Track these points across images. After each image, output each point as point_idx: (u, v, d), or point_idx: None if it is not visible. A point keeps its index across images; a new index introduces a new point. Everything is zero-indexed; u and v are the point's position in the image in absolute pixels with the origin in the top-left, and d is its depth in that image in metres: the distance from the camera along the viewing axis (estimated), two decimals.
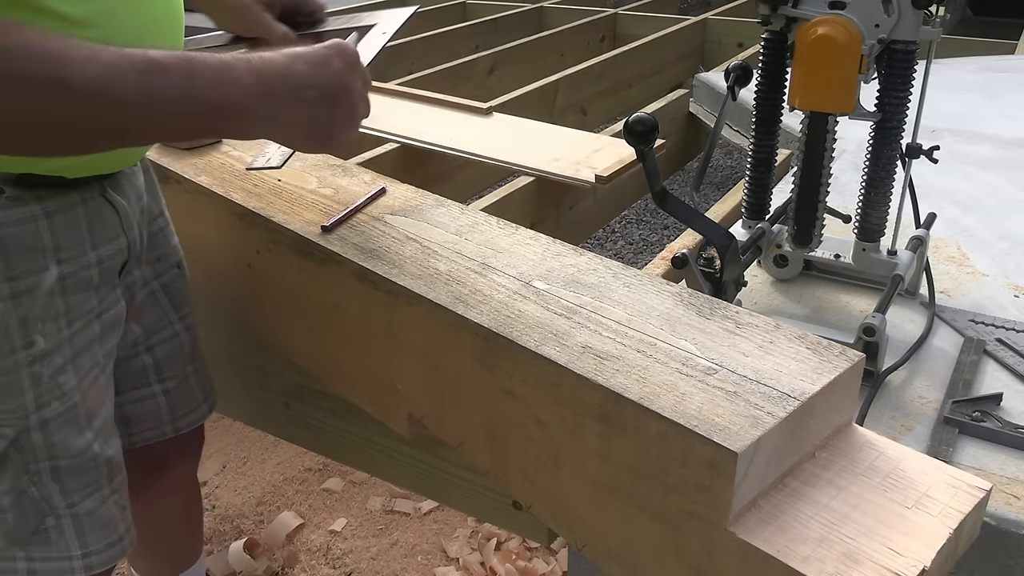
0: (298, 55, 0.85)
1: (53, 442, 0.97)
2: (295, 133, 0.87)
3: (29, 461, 0.96)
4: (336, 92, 0.86)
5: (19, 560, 1.00)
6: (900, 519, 0.71)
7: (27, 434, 0.95)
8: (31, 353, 0.93)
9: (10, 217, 0.89)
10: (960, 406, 1.05)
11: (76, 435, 0.99)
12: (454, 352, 0.93)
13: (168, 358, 1.21)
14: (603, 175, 1.79)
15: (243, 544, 1.82)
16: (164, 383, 1.21)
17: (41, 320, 0.93)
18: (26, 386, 0.93)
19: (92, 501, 1.02)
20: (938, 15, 1.12)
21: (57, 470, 0.98)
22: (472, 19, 4.08)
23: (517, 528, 1.26)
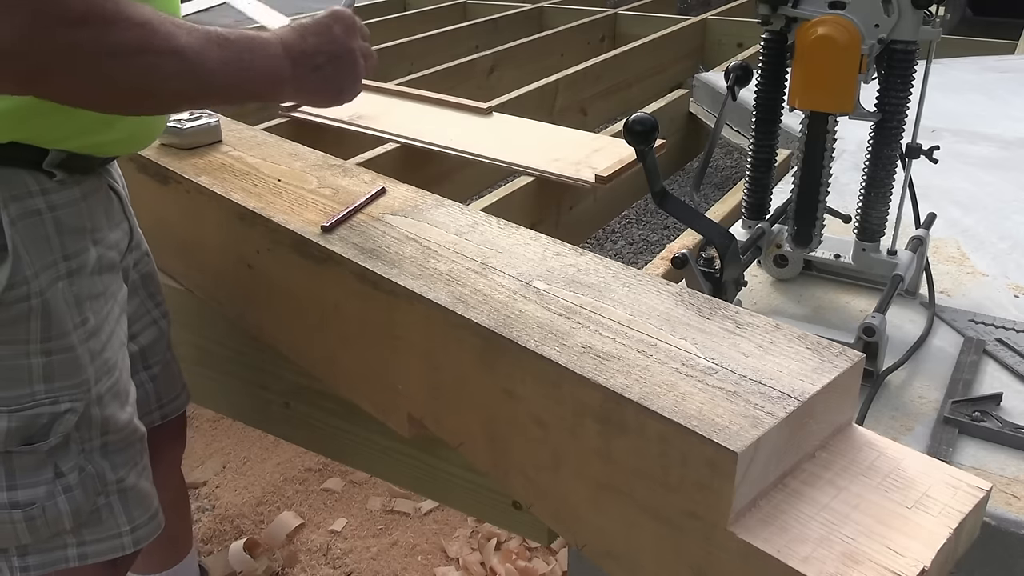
0: (306, 28, 0.98)
1: (106, 416, 1.01)
2: (312, 92, 0.99)
3: (85, 439, 1.00)
4: (340, 54, 0.99)
5: (70, 546, 1.02)
6: (900, 519, 0.71)
7: (89, 409, 0.99)
8: (86, 330, 0.98)
9: (63, 199, 0.95)
10: (960, 406, 1.05)
11: (121, 409, 1.04)
12: (454, 352, 0.93)
13: (151, 345, 1.24)
14: (603, 175, 1.79)
15: (243, 544, 1.82)
16: (150, 370, 1.25)
17: (89, 298, 0.99)
18: (86, 361, 0.98)
19: (134, 475, 1.07)
20: (938, 15, 1.13)
21: (106, 446, 1.03)
22: (472, 19, 4.08)
23: (517, 528, 1.26)
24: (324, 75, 0.98)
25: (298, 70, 0.96)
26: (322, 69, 0.98)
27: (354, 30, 1.02)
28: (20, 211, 0.91)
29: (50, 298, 0.94)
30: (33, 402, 0.95)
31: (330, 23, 1.00)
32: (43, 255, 0.93)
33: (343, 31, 1.00)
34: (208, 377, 1.43)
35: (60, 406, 0.96)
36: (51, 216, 0.93)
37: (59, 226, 0.94)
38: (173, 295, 1.40)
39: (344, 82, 1.01)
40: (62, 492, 0.99)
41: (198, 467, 2.07)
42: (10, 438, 0.94)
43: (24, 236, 0.91)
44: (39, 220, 0.92)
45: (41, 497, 0.98)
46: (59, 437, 0.97)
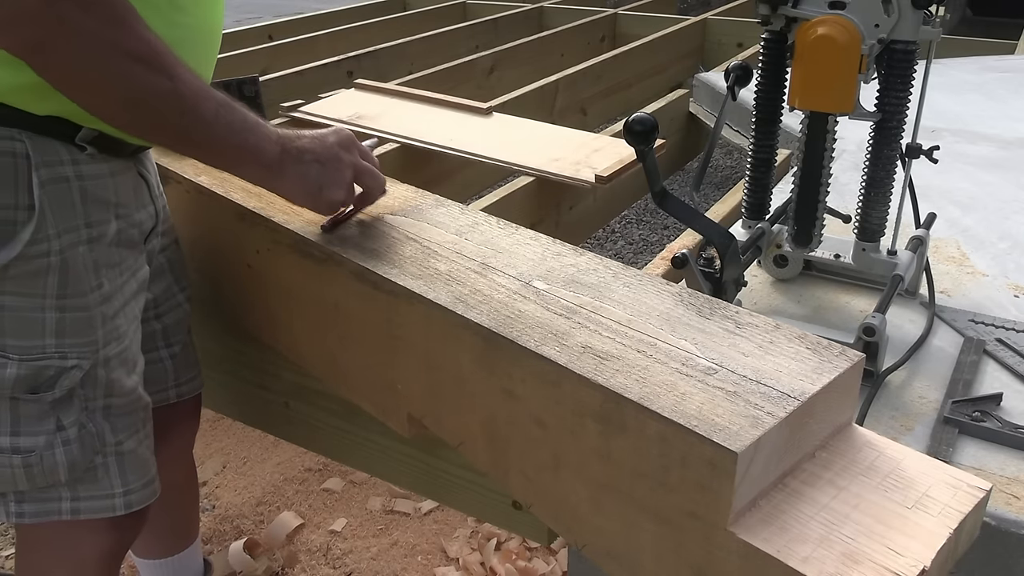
0: (303, 132, 1.07)
1: (111, 379, 1.06)
2: (292, 185, 1.04)
3: (89, 398, 1.05)
4: (327, 159, 1.05)
5: (64, 500, 1.07)
6: (900, 519, 0.71)
7: (95, 369, 1.04)
8: (101, 294, 1.03)
9: (91, 172, 1.00)
10: (960, 406, 1.05)
11: (127, 376, 1.09)
12: (454, 352, 0.93)
13: (174, 325, 1.29)
14: (603, 175, 1.79)
15: (243, 544, 1.82)
16: (171, 348, 1.29)
17: (106, 266, 1.04)
18: (97, 323, 1.03)
19: (133, 441, 1.11)
20: (938, 15, 1.12)
21: (109, 408, 1.07)
22: (472, 19, 4.08)
23: (517, 528, 1.26)
24: (307, 171, 1.03)
25: (284, 158, 1.02)
26: (307, 165, 1.03)
27: (350, 147, 1.08)
28: (50, 176, 0.96)
29: (69, 258, 0.99)
30: (43, 354, 0.99)
31: (327, 134, 1.07)
32: (67, 218, 0.98)
33: (338, 142, 1.07)
34: (208, 377, 1.43)
35: (68, 361, 1.01)
36: (78, 185, 0.99)
37: (84, 195, 1.00)
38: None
39: (325, 183, 1.05)
40: (61, 444, 1.03)
41: (198, 467, 2.06)
42: (18, 385, 0.99)
43: (51, 198, 0.96)
44: (67, 187, 0.98)
45: (40, 446, 1.02)
46: (63, 390, 1.01)
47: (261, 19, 4.97)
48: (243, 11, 7.16)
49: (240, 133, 0.98)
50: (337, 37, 3.59)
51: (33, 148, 0.95)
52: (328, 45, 3.45)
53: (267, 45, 3.37)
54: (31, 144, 0.94)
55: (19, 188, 0.94)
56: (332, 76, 2.91)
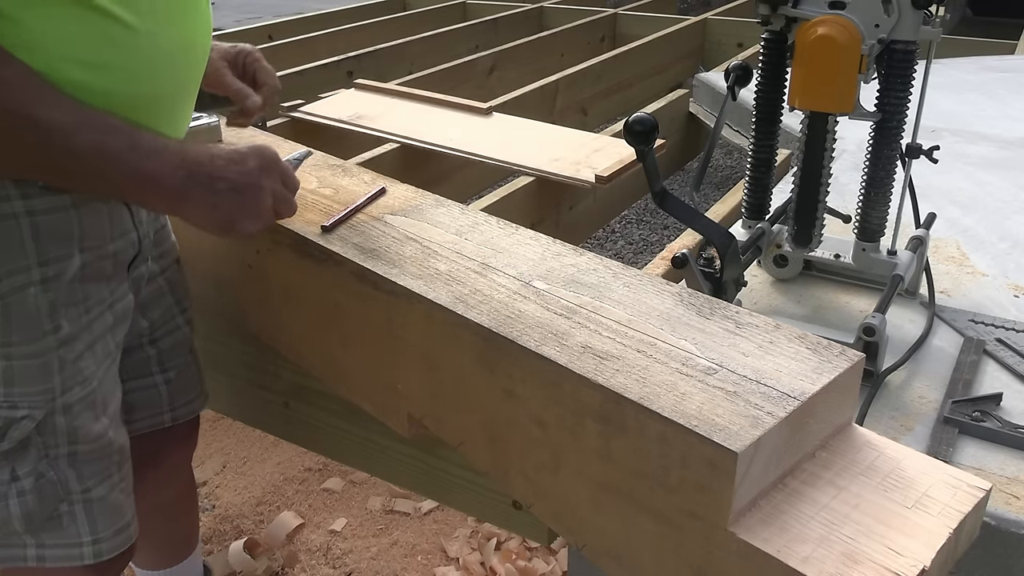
0: (220, 152, 0.96)
1: (74, 426, 1.00)
2: (201, 215, 0.96)
3: (50, 445, 0.99)
4: (244, 187, 0.95)
5: (29, 547, 1.02)
6: (900, 519, 0.71)
7: (52, 417, 0.98)
8: (58, 337, 0.96)
9: (46, 205, 0.93)
10: (960, 406, 1.05)
11: (94, 420, 1.02)
12: (454, 352, 0.92)
13: (171, 349, 1.24)
14: (603, 175, 1.79)
15: (243, 544, 1.82)
16: (166, 373, 1.25)
17: (66, 306, 0.97)
18: (54, 369, 0.97)
19: (104, 487, 1.05)
20: (938, 15, 1.13)
21: (75, 455, 1.01)
22: (472, 19, 4.09)
23: (517, 528, 1.26)
24: (219, 200, 0.94)
25: (189, 185, 0.92)
26: (219, 194, 0.94)
27: (272, 170, 0.99)
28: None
29: (12, 303, 0.92)
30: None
31: (247, 155, 0.97)
32: (11, 259, 0.92)
33: (258, 166, 0.97)
34: (208, 377, 1.43)
35: (17, 411, 0.95)
36: (28, 221, 0.92)
37: (36, 231, 0.93)
38: None
39: (238, 214, 0.96)
40: (15, 495, 0.98)
41: (198, 467, 2.06)
42: None
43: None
44: (13, 224, 0.91)
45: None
46: (13, 442, 0.96)
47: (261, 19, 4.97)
48: (243, 11, 7.17)
49: (129, 161, 0.89)
50: (337, 37, 3.59)
51: None
52: (328, 45, 3.45)
53: (267, 45, 3.37)
54: None
55: None
56: (332, 76, 2.91)
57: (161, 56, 0.96)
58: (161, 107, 0.99)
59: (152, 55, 0.94)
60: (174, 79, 1.00)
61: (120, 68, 0.91)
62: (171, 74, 0.99)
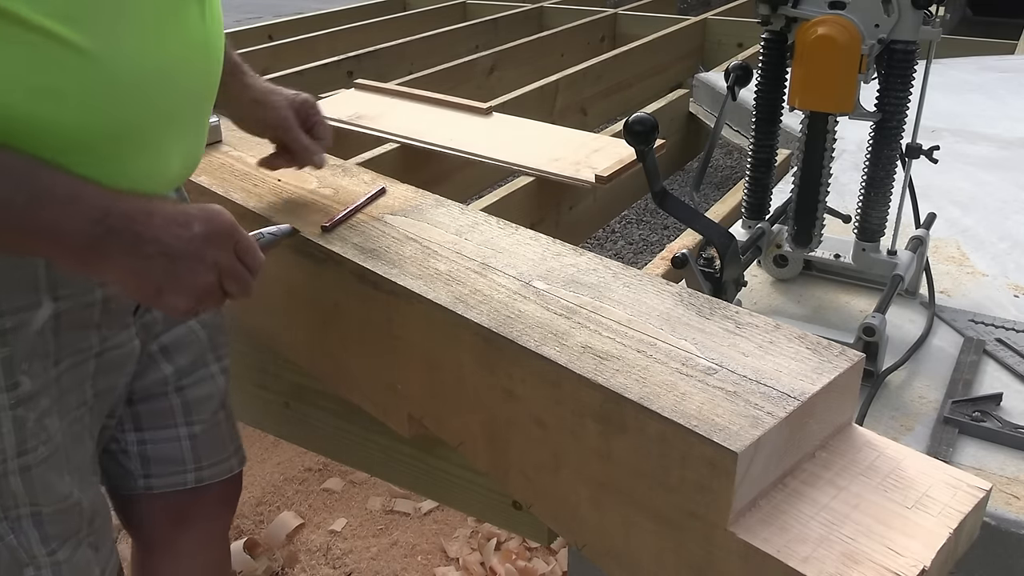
0: (163, 208, 0.82)
1: (35, 488, 0.91)
2: (120, 279, 0.82)
3: (8, 507, 0.90)
4: (179, 254, 0.81)
5: None
6: (900, 519, 0.71)
7: (5, 479, 0.89)
8: (15, 395, 0.87)
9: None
10: (960, 406, 1.05)
11: (59, 480, 0.93)
12: (454, 352, 0.93)
13: (199, 401, 1.13)
14: (603, 175, 1.79)
15: (243, 544, 1.82)
16: (191, 426, 1.13)
17: (28, 359, 0.87)
18: (6, 430, 0.87)
19: (69, 548, 0.96)
20: (938, 15, 1.12)
21: (38, 515, 0.92)
22: (472, 19, 4.08)
23: (517, 528, 1.26)
24: (144, 265, 0.80)
25: (110, 241, 0.78)
26: (146, 259, 0.80)
27: (222, 240, 0.84)
28: None
29: None
30: None
31: (193, 218, 0.82)
32: None
33: (204, 233, 0.82)
34: None
35: None
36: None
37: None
38: None
39: (166, 285, 0.82)
40: None
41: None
42: None
43: None
44: None
45: None
46: None
47: (261, 19, 4.97)
48: (243, 11, 7.16)
49: (26, 209, 0.74)
50: (337, 37, 3.59)
51: None
52: (328, 45, 3.45)
53: (267, 45, 3.37)
54: None
55: None
56: (332, 76, 2.91)
57: (126, 83, 0.81)
58: (136, 142, 0.85)
59: (112, 81, 0.80)
60: (149, 109, 0.85)
61: (72, 96, 0.78)
62: (143, 103, 0.84)
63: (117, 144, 0.83)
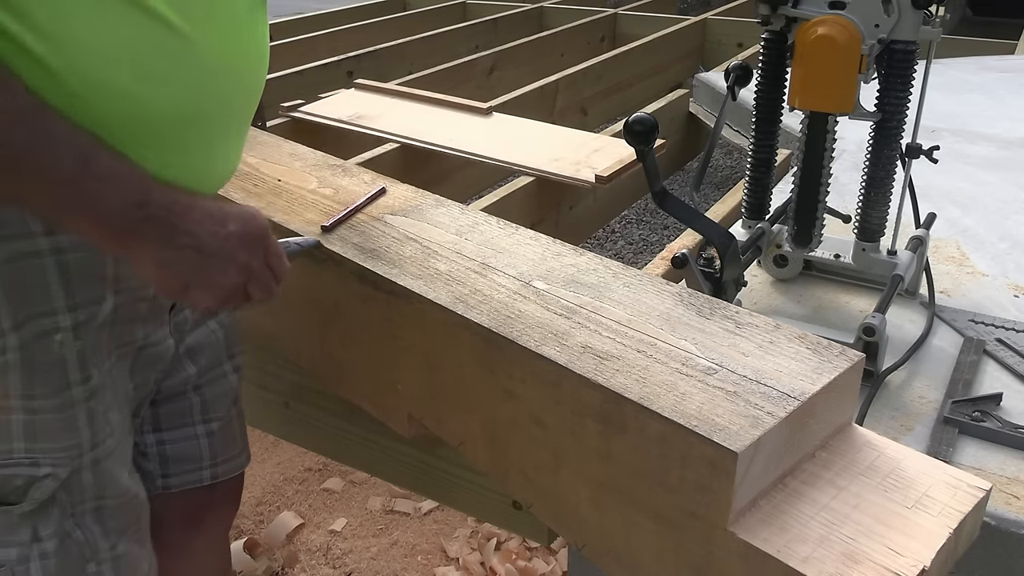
0: (202, 203, 0.81)
1: (103, 481, 0.92)
2: (149, 267, 0.80)
3: (76, 502, 0.91)
4: (213, 251, 0.80)
5: None
6: (900, 519, 0.71)
7: (78, 474, 0.90)
8: (88, 388, 0.88)
9: (76, 240, 0.82)
10: (960, 406, 1.05)
11: (121, 473, 0.95)
12: (454, 352, 0.93)
13: (216, 399, 1.14)
14: (603, 175, 1.79)
15: (243, 544, 1.82)
16: (209, 424, 1.14)
17: (96, 353, 0.88)
18: (82, 423, 0.88)
19: (126, 542, 0.97)
20: (938, 15, 1.13)
21: (101, 511, 0.93)
22: (472, 19, 4.09)
23: (517, 528, 1.26)
24: (175, 257, 0.79)
25: (147, 231, 0.77)
26: (178, 250, 0.79)
27: (255, 244, 0.84)
28: (9, 254, 0.79)
29: (36, 351, 0.83)
30: (10, 460, 0.85)
31: (229, 217, 0.82)
32: (34, 304, 0.82)
33: (240, 234, 0.82)
34: None
35: (40, 469, 0.87)
36: (54, 260, 0.82)
37: (64, 271, 0.83)
38: None
39: (194, 280, 0.81)
40: (38, 558, 0.89)
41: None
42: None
43: (10, 282, 0.80)
44: (36, 264, 0.81)
45: (12, 560, 0.88)
46: (35, 503, 0.87)
47: None
48: None
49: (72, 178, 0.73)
50: (337, 37, 3.59)
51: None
52: (328, 45, 3.46)
53: None
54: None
55: None
56: (332, 76, 2.91)
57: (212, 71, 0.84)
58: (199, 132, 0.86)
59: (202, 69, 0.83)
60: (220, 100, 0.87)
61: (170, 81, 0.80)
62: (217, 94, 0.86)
63: (184, 131, 0.84)
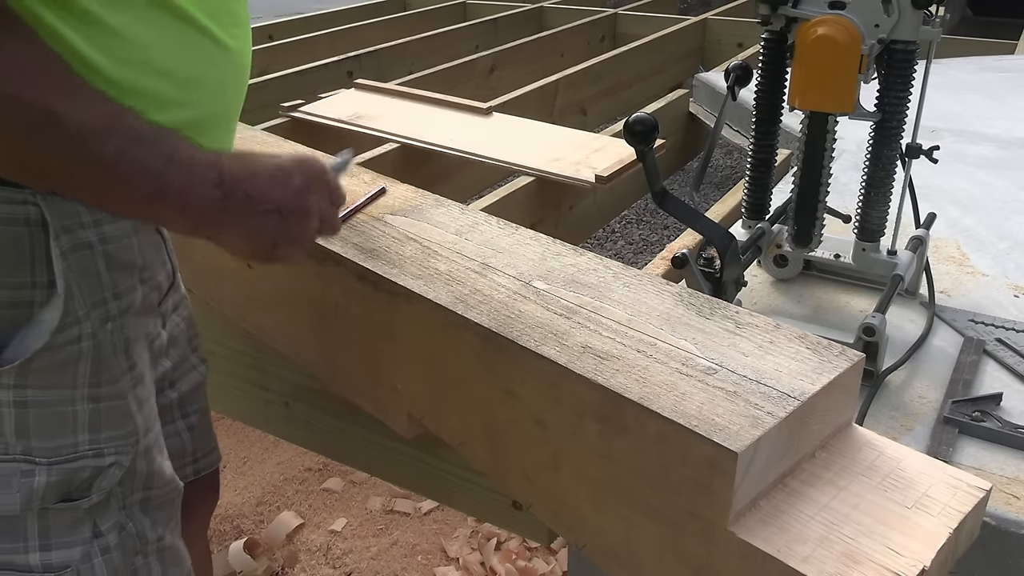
0: (263, 167, 0.83)
1: (152, 470, 0.92)
2: (237, 241, 0.84)
3: (127, 493, 0.91)
4: (291, 209, 0.84)
5: None
6: (900, 519, 0.71)
7: (135, 462, 0.90)
8: (133, 376, 0.89)
9: (115, 232, 0.84)
10: (960, 406, 1.05)
11: (164, 461, 0.95)
12: (454, 352, 0.93)
13: (190, 392, 1.14)
14: (603, 175, 1.79)
15: (243, 544, 1.82)
16: (188, 419, 1.15)
17: (134, 342, 0.89)
18: (134, 410, 0.89)
19: (171, 533, 0.97)
20: (938, 15, 1.13)
21: (147, 501, 0.93)
22: (472, 19, 4.09)
23: (517, 528, 1.26)
24: (259, 224, 0.82)
25: (228, 207, 0.80)
26: (260, 218, 0.82)
27: (320, 186, 0.87)
28: (72, 244, 0.80)
29: (102, 340, 0.85)
30: (75, 453, 0.85)
31: (292, 170, 0.84)
32: (94, 292, 0.83)
33: (304, 184, 0.84)
34: (208, 377, 1.42)
35: (105, 459, 0.87)
36: (102, 250, 0.83)
37: (109, 261, 0.84)
38: None
39: (281, 239, 0.84)
40: (99, 554, 0.88)
41: None
42: (48, 494, 0.84)
43: (76, 272, 0.81)
44: (90, 254, 0.82)
45: (76, 560, 0.87)
46: (101, 494, 0.87)
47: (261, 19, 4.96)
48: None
49: (157, 176, 0.75)
50: (337, 37, 3.59)
51: (50, 211, 0.78)
52: (328, 45, 3.46)
53: (267, 45, 3.37)
54: (47, 207, 0.78)
55: (35, 263, 0.79)
56: (332, 76, 2.91)
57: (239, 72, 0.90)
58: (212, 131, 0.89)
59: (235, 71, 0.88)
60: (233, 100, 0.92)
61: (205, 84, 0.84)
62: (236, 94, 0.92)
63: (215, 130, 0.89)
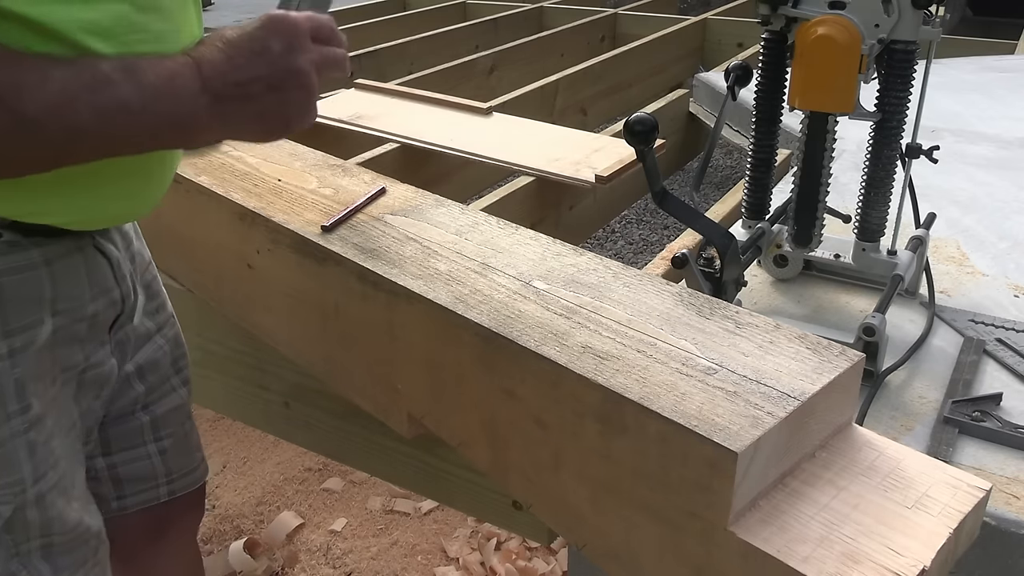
0: (236, 47, 0.78)
1: (49, 517, 0.88)
2: (247, 129, 0.82)
3: (20, 541, 0.86)
4: (282, 79, 0.79)
5: None
6: (900, 519, 0.71)
7: (23, 511, 0.85)
8: (27, 418, 0.84)
9: (10, 264, 0.80)
10: (960, 406, 1.05)
11: (67, 505, 0.90)
12: (454, 352, 0.93)
13: (166, 415, 1.11)
14: (603, 175, 1.79)
15: (243, 544, 1.82)
16: (160, 442, 1.11)
17: (35, 380, 0.84)
18: (23, 456, 0.84)
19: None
20: (938, 15, 1.13)
21: (49, 547, 0.89)
22: (472, 19, 4.08)
23: (517, 528, 1.26)
24: (261, 107, 0.79)
25: (223, 106, 0.77)
26: (258, 99, 0.78)
27: (298, 41, 0.80)
28: None
29: None
30: None
31: (266, 37, 0.78)
32: None
33: (283, 47, 0.79)
34: (208, 377, 1.43)
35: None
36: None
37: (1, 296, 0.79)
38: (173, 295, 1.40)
39: (290, 110, 0.81)
40: None
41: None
42: None
43: None
44: None
45: None
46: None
47: None
48: (243, 11, 7.16)
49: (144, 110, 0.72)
50: None
51: None
52: None
53: None
54: None
55: None
56: None
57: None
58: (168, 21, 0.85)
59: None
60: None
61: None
62: None
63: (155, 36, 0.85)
